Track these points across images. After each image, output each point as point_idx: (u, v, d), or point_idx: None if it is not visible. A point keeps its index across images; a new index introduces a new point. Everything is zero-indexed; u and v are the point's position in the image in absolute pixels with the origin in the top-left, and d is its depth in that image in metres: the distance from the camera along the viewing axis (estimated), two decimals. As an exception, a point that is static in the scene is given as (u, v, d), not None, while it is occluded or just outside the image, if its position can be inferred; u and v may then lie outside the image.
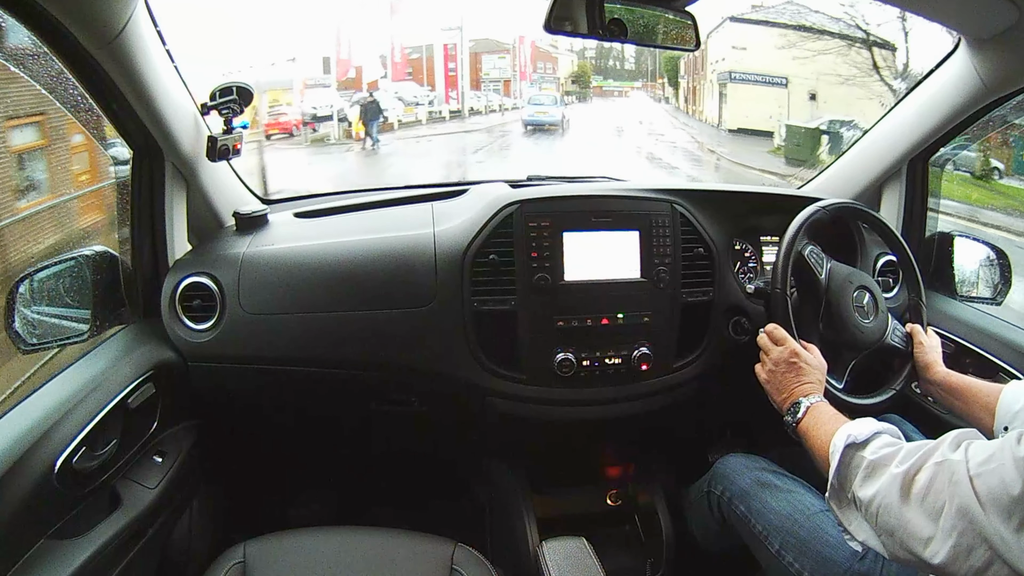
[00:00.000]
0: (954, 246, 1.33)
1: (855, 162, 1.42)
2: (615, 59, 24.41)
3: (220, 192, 1.24)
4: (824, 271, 1.07)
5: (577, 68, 23.52)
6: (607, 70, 24.29)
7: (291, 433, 1.34)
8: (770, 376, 0.99)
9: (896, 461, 0.71)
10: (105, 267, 1.05)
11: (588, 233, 1.14)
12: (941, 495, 0.65)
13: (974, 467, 0.63)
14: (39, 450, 0.79)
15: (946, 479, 0.65)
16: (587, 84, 22.65)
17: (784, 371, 0.96)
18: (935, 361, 1.05)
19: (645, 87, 23.31)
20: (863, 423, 0.80)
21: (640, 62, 23.75)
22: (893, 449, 0.73)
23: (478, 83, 19.44)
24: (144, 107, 0.99)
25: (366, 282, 1.12)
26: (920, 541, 0.65)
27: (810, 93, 11.67)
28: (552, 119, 13.68)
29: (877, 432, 0.77)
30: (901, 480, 0.68)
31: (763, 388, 1.00)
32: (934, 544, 0.64)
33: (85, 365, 0.95)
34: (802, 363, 0.96)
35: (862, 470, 0.74)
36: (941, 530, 0.64)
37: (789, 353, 0.97)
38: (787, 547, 0.98)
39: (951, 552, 0.63)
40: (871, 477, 0.72)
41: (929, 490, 0.66)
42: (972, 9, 0.95)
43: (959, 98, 1.15)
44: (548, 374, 1.12)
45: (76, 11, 0.81)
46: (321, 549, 0.99)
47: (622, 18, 0.99)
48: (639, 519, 1.45)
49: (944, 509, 0.64)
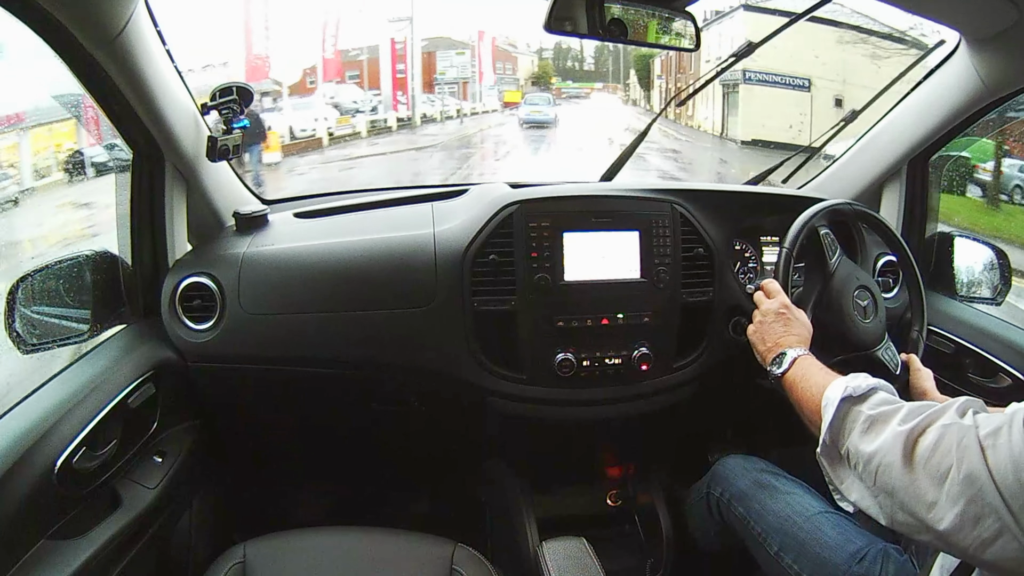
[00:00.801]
0: (954, 246, 1.32)
1: (855, 162, 1.41)
2: (574, 59, 23.21)
3: (220, 192, 1.23)
4: (835, 257, 1.08)
5: (538, 69, 22.04)
6: (566, 71, 23.11)
7: (291, 433, 1.34)
8: (757, 327, 0.98)
9: (898, 419, 0.67)
10: (105, 267, 1.05)
11: (588, 233, 1.14)
12: (948, 457, 0.61)
13: (984, 436, 0.60)
14: (39, 450, 0.79)
15: (954, 442, 0.61)
16: (548, 85, 21.13)
17: (772, 320, 0.96)
18: (932, 388, 1.03)
19: (606, 88, 22.30)
20: (859, 376, 0.76)
21: (600, 62, 22.68)
22: (893, 406, 0.70)
23: (431, 85, 17.19)
24: (144, 107, 0.99)
25: (366, 282, 1.12)
26: (924, 504, 0.62)
27: (836, 98, 10.13)
28: (547, 118, 14.82)
29: (874, 387, 0.74)
30: (904, 438, 0.65)
31: (750, 342, 0.99)
32: (938, 509, 0.61)
33: (85, 365, 0.95)
34: (791, 315, 0.96)
35: (859, 424, 0.70)
36: (946, 495, 0.60)
37: (779, 304, 0.97)
38: (786, 548, 0.98)
39: (957, 519, 0.60)
40: (870, 433, 0.69)
41: (935, 452, 0.62)
42: (972, 9, 0.95)
43: (959, 98, 1.15)
44: (548, 374, 1.12)
45: (76, 11, 0.81)
46: (321, 549, 0.99)
47: (622, 18, 0.99)
48: (639, 519, 1.45)
49: (951, 474, 0.61)
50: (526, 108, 15.34)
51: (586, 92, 21.75)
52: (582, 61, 23.69)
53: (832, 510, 1.00)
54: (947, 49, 1.15)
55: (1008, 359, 1.13)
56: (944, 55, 1.17)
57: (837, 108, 9.77)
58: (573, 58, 23.54)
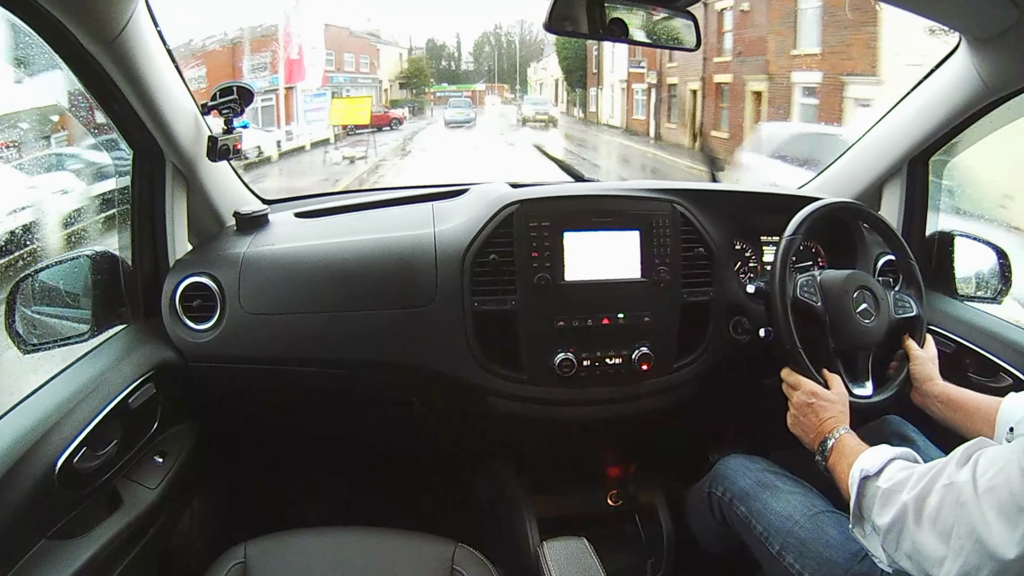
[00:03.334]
0: (954, 246, 1.32)
1: (855, 161, 1.42)
2: (449, 58, 19.69)
3: (221, 192, 1.23)
4: (818, 296, 1.07)
5: (408, 66, 16.47)
6: (440, 72, 19.60)
7: (292, 433, 1.34)
8: (795, 421, 1.01)
9: (908, 487, 0.73)
10: (106, 267, 1.05)
11: (588, 233, 1.14)
12: (950, 516, 0.67)
13: (983, 484, 0.65)
14: (40, 450, 0.79)
15: (953, 501, 0.67)
16: (422, 89, 16.05)
17: (806, 413, 0.98)
18: (933, 373, 1.04)
19: (490, 90, 19.85)
20: (876, 453, 0.82)
21: (482, 59, 19.35)
22: (905, 475, 0.76)
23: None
24: (145, 107, 0.99)
25: (367, 282, 1.12)
26: (934, 562, 0.68)
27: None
28: (468, 118, 17.38)
29: (891, 459, 0.80)
30: (913, 506, 0.71)
31: (795, 435, 1.01)
32: (947, 564, 0.67)
33: (86, 365, 0.94)
34: (820, 401, 0.98)
35: (878, 499, 0.77)
36: (952, 550, 0.66)
37: (807, 395, 0.99)
38: (787, 548, 0.98)
39: (960, 571, 0.65)
40: (887, 506, 0.75)
41: (939, 513, 0.69)
42: (973, 9, 0.95)
43: (960, 98, 1.15)
44: (548, 374, 1.12)
45: (77, 10, 0.81)
46: (321, 549, 0.99)
47: (622, 18, 1.00)
48: (639, 519, 1.45)
49: (953, 530, 0.67)
50: (450, 111, 17.70)
51: (466, 95, 19.09)
52: (458, 60, 19.96)
53: (834, 509, 1.00)
54: (947, 49, 1.15)
55: (1009, 359, 1.13)
56: (945, 55, 1.17)
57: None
58: (448, 56, 19.91)
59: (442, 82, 19.76)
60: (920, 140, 1.27)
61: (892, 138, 1.32)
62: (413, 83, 15.60)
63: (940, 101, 1.20)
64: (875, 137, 1.37)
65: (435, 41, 20.59)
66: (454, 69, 20.88)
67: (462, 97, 18.17)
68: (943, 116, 1.20)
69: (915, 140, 1.28)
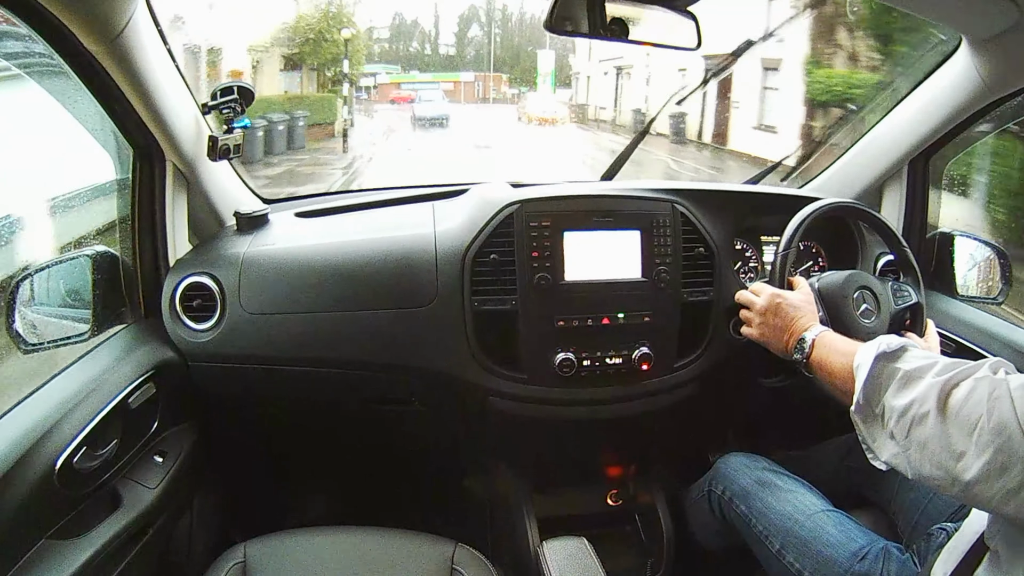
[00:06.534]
0: (955, 246, 1.32)
1: (856, 162, 1.41)
2: (424, 40, 13.88)
3: (221, 192, 1.23)
4: (818, 304, 1.05)
5: (314, 32, 9.04)
6: (411, 56, 14.31)
7: (291, 433, 1.34)
8: (761, 328, 0.98)
9: (934, 372, 0.68)
10: (106, 267, 1.05)
11: (589, 233, 1.14)
12: (979, 407, 0.62)
13: (1015, 388, 0.61)
14: (40, 450, 0.79)
15: (986, 392, 0.63)
16: (340, 77, 9.29)
17: (775, 315, 0.96)
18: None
19: (480, 80, 15.17)
20: (889, 335, 0.77)
21: (466, 44, 13.69)
22: (929, 361, 0.71)
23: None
24: (145, 106, 0.99)
25: (367, 282, 1.12)
26: (953, 455, 0.63)
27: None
28: (440, 114, 14.14)
29: (908, 344, 0.75)
30: (939, 389, 0.66)
31: (760, 343, 0.99)
32: (967, 459, 0.62)
33: (85, 365, 0.94)
34: (787, 303, 0.96)
35: (897, 380, 0.71)
36: (975, 445, 0.61)
37: (771, 296, 0.97)
38: (787, 547, 0.98)
39: (983, 469, 0.61)
40: (907, 387, 0.70)
41: (967, 402, 0.63)
42: (973, 9, 0.95)
43: (960, 98, 1.15)
44: (549, 374, 1.12)
45: (77, 10, 0.81)
46: (321, 549, 0.99)
47: (623, 17, 0.99)
48: (639, 519, 1.45)
49: (980, 423, 0.62)
50: (422, 105, 14.71)
51: (447, 88, 15.16)
52: (435, 44, 14.48)
53: (834, 508, 1.00)
54: (948, 48, 1.15)
55: (1009, 358, 1.13)
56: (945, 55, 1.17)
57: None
58: (424, 37, 14.35)
59: (411, 70, 15.65)
60: (921, 140, 1.27)
61: (892, 138, 1.32)
62: (315, 58, 7.68)
63: (941, 101, 1.20)
64: (875, 137, 1.37)
65: (403, 17, 15.29)
66: (429, 54, 16.13)
67: (437, 89, 15.08)
68: (943, 116, 1.20)
69: (915, 140, 1.28)
